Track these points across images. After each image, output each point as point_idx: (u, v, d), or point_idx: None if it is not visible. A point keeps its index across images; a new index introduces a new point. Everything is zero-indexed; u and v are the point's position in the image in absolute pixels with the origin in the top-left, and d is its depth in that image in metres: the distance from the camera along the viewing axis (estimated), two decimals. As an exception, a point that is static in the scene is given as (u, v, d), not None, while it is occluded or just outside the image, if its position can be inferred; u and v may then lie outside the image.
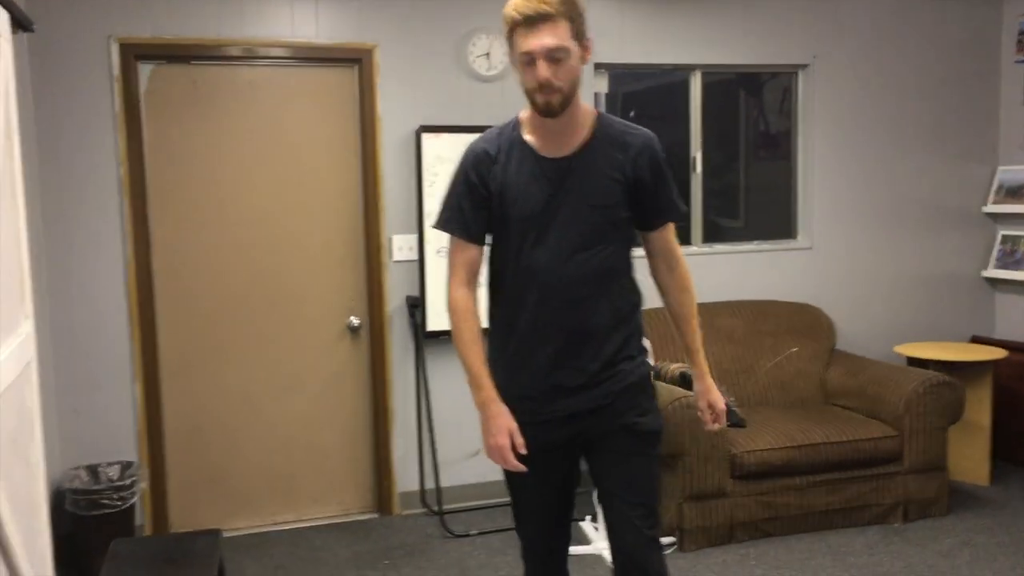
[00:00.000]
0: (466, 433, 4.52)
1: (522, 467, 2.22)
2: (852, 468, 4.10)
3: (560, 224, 2.23)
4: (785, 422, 4.21)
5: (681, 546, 3.94)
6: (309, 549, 4.08)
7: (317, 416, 4.41)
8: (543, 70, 2.12)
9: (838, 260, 5.08)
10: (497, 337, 2.37)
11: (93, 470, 3.92)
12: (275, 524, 4.38)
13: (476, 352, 2.28)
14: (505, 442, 2.22)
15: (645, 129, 2.33)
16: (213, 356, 4.25)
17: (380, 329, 4.39)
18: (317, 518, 4.42)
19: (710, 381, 2.50)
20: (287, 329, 4.34)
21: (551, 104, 2.17)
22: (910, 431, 4.14)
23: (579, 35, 2.18)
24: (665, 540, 3.96)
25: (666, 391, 3.98)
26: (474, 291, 2.33)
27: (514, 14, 2.13)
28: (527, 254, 2.25)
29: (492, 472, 4.57)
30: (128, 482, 3.81)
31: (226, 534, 4.24)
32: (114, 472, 3.93)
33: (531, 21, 2.11)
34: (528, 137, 2.28)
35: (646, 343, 2.46)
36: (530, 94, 2.20)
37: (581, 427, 2.33)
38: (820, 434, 4.07)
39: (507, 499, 2.53)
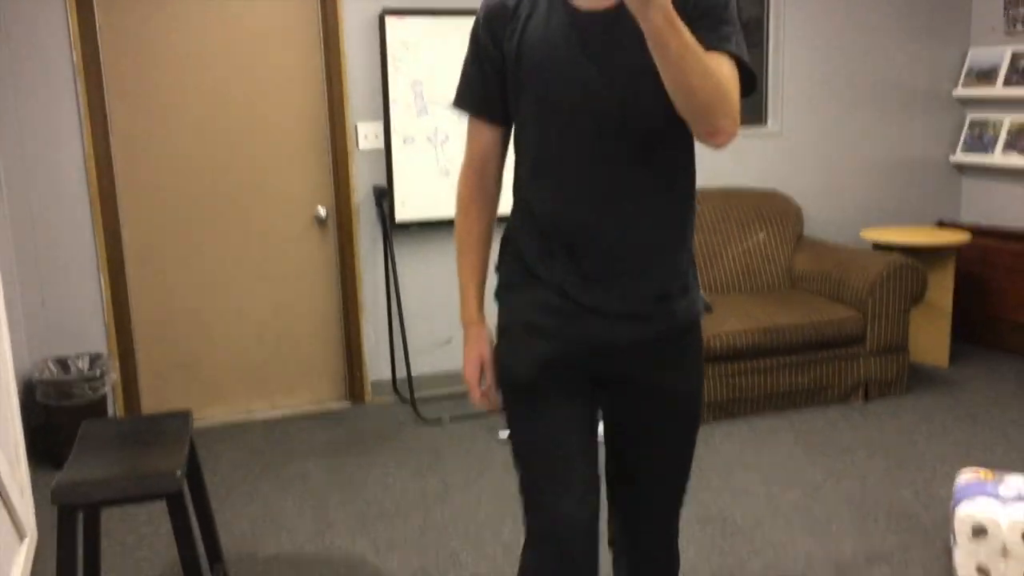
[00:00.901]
0: (436, 322, 4.56)
1: (488, 405, 1.84)
2: (816, 350, 4.19)
3: (602, 104, 1.64)
4: (751, 306, 4.27)
5: (648, 427, 4.03)
6: (283, 436, 4.14)
7: (287, 306, 4.42)
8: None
9: (807, 146, 5.07)
10: (518, 225, 1.83)
11: (63, 362, 3.92)
12: (248, 413, 4.43)
13: (467, 262, 1.88)
14: (472, 374, 1.82)
15: None
16: (179, 246, 4.21)
17: (348, 219, 4.36)
18: (290, 407, 4.47)
19: None
20: (254, 219, 4.30)
21: None
22: (873, 313, 4.21)
23: None
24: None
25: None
26: (489, 181, 1.85)
27: None
28: (555, 145, 1.69)
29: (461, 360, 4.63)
30: (98, 373, 3.82)
31: (200, 423, 4.30)
32: (84, 363, 3.93)
33: None
34: None
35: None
36: None
37: (609, 369, 1.78)
38: (785, 317, 4.13)
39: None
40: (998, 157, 5.01)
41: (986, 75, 5.09)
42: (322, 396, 4.53)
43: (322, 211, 4.35)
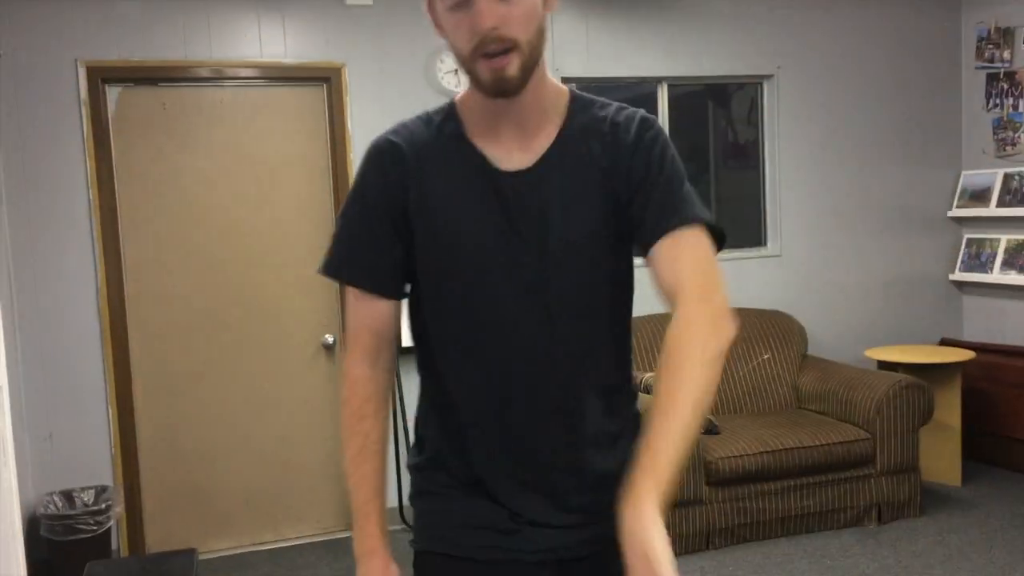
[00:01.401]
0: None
1: None
2: (826, 472, 4.15)
3: (521, 275, 1.42)
4: (758, 428, 4.26)
5: (659, 554, 3.96)
6: (290, 568, 4.07)
7: (294, 434, 4.41)
8: (487, 13, 1.30)
9: (807, 266, 5.15)
10: (430, 421, 1.57)
11: (68, 495, 3.89)
12: (254, 544, 4.36)
13: (366, 471, 1.48)
14: None
15: (636, 109, 1.49)
16: (187, 377, 4.24)
17: (355, 346, 4.39)
18: (297, 537, 4.41)
19: (645, 515, 1.22)
20: (261, 348, 4.34)
21: (505, 75, 1.34)
22: (882, 433, 4.19)
23: None
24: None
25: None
26: (384, 369, 1.52)
27: None
28: (469, 324, 1.45)
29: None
30: (103, 506, 3.79)
31: (205, 556, 4.23)
32: (89, 497, 3.91)
33: None
34: (469, 134, 1.46)
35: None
36: (469, 63, 1.36)
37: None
38: (793, 439, 4.11)
39: None
40: (996, 275, 5.07)
41: (980, 196, 5.20)
42: (329, 525, 4.47)
43: (330, 338, 4.39)
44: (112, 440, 4.08)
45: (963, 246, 5.34)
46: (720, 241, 1.43)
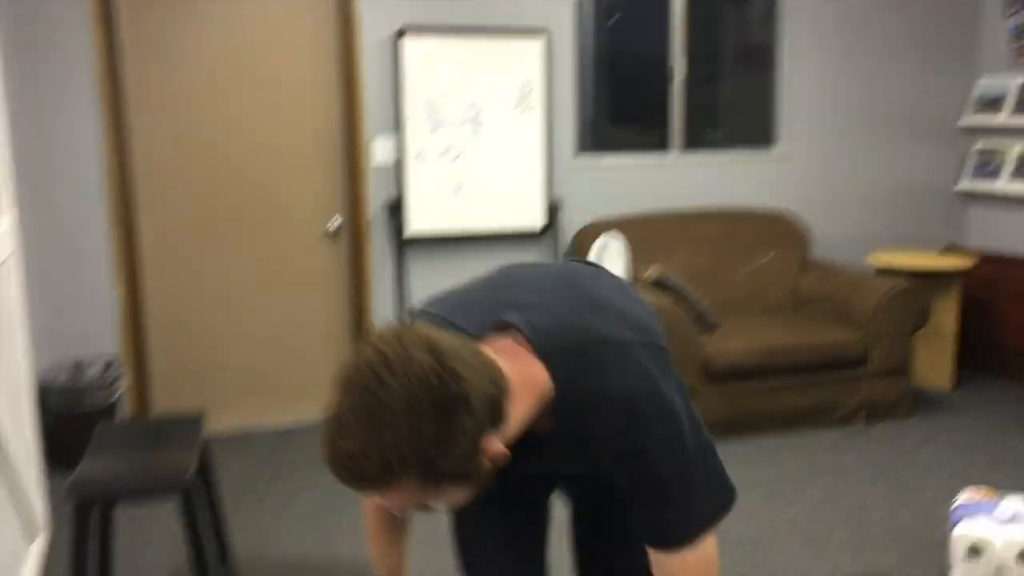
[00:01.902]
0: (445, 336, 4.61)
1: None
2: (818, 371, 4.23)
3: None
4: (756, 327, 4.32)
5: (652, 444, 4.07)
6: (292, 446, 4.20)
7: (298, 317, 4.49)
8: (395, 509, 1.32)
9: (816, 169, 5.13)
10: None
11: (77, 367, 3.99)
12: (258, 422, 4.49)
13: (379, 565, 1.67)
14: None
15: (621, 388, 1.32)
16: (193, 254, 4.29)
17: (359, 233, 4.43)
18: (299, 417, 4.53)
19: None
20: (268, 231, 4.37)
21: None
22: (876, 336, 4.26)
23: (447, 472, 1.17)
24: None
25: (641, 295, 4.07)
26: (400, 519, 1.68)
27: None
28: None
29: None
30: (111, 379, 3.89)
31: (209, 433, 4.35)
32: (97, 368, 4.00)
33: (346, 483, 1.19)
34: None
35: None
36: None
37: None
38: (788, 338, 4.17)
39: None
40: (1005, 184, 5.06)
41: (993, 103, 5.15)
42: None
43: (335, 224, 4.42)
44: (119, 313, 4.16)
45: (973, 153, 5.30)
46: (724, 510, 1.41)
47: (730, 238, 4.79)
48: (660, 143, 4.93)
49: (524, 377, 1.26)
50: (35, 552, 3.02)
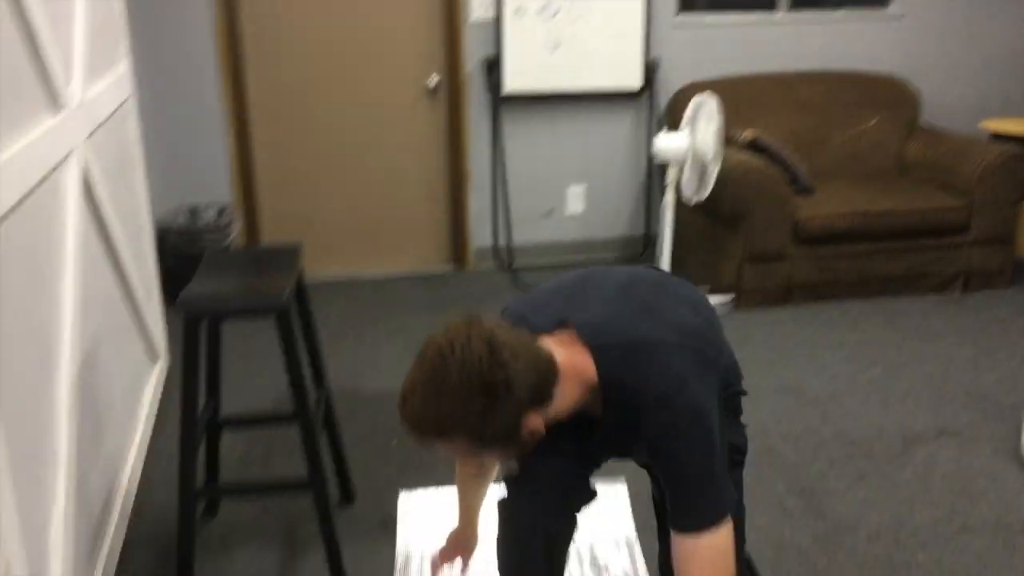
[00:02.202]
0: (538, 193, 4.71)
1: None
2: (916, 237, 4.15)
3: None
4: (854, 191, 4.25)
5: (738, 304, 4.12)
6: (389, 294, 4.41)
7: (398, 172, 4.63)
8: (464, 463, 1.86)
9: (931, 30, 4.89)
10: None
11: (193, 211, 4.26)
12: (359, 272, 4.72)
13: (464, 507, 2.03)
14: (445, 557, 2.07)
15: (659, 387, 1.51)
16: (299, 109, 4.45)
17: (457, 89, 4.50)
18: (397, 268, 4.74)
19: None
20: (369, 87, 4.49)
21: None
22: (980, 203, 4.14)
23: (494, 440, 1.44)
24: (722, 298, 4.15)
25: (732, 155, 4.05)
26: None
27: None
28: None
29: (563, 233, 4.79)
30: (224, 223, 4.14)
31: (314, 279, 4.61)
32: (211, 214, 4.26)
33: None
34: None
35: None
36: None
37: None
38: (887, 203, 4.10)
39: (577, 257, 2.12)
40: None
41: None
42: (427, 259, 4.78)
43: (433, 81, 4.50)
44: (230, 164, 4.38)
45: (1109, 16, 4.96)
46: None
47: (835, 101, 4.66)
48: (767, 0, 4.77)
49: (572, 364, 1.51)
50: (156, 373, 3.34)
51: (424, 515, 2.55)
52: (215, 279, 2.24)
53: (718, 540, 1.50)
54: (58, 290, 2.12)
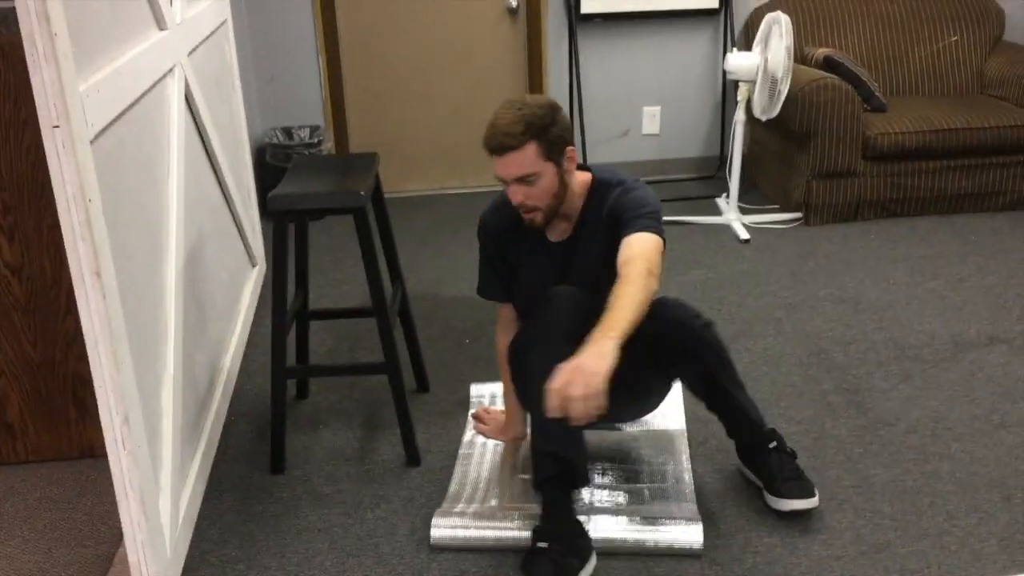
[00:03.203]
0: (615, 113, 4.84)
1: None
2: (991, 154, 4.15)
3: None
4: (928, 108, 4.26)
5: (807, 220, 4.22)
6: (471, 209, 4.63)
7: (480, 91, 4.82)
8: (516, 195, 2.16)
9: (1021, -56, 4.79)
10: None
11: (287, 131, 4.54)
12: (442, 188, 4.96)
13: (508, 392, 2.53)
14: (496, 433, 2.63)
15: (626, 182, 2.23)
16: (386, 34, 4.67)
17: (537, 9, 4.64)
18: (479, 185, 4.96)
19: (597, 345, 1.83)
20: (451, 9, 4.66)
21: (534, 222, 2.22)
22: (1059, 120, 4.11)
23: (552, 152, 2.12)
24: (791, 215, 4.25)
25: (804, 72, 4.11)
26: (511, 333, 2.40)
27: (484, 140, 2.15)
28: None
29: (638, 152, 4.92)
30: (317, 141, 4.42)
31: (399, 195, 4.87)
32: (305, 133, 4.54)
33: (495, 152, 2.13)
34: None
35: None
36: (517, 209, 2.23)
37: None
38: (962, 120, 4.10)
39: (652, 177, 2.54)
40: None
41: None
42: (508, 178, 4.97)
43: (514, 1, 4.64)
44: (322, 86, 4.64)
45: None
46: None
47: (914, 17, 4.63)
48: (849, -84, 4.73)
49: (577, 171, 2.28)
50: (254, 276, 3.66)
51: (491, 405, 2.81)
52: (300, 181, 2.50)
53: (653, 238, 2.09)
54: (166, 188, 2.41)
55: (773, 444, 2.35)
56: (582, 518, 2.20)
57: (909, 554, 2.14)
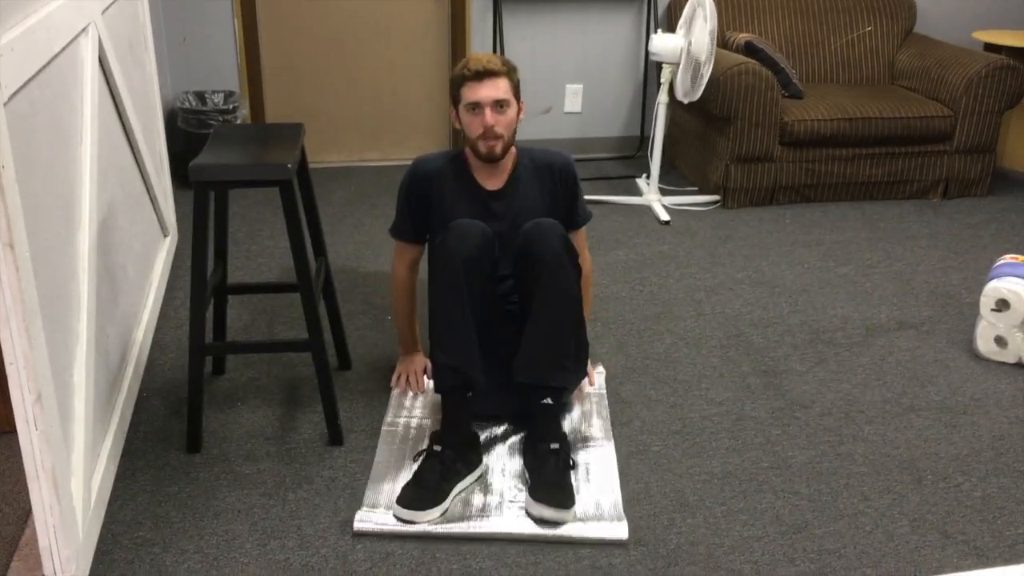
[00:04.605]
0: (539, 90, 4.82)
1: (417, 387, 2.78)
2: (900, 144, 4.29)
3: (499, 247, 2.53)
4: (842, 96, 4.36)
5: (724, 203, 4.28)
6: (390, 181, 4.56)
7: (401, 65, 4.74)
8: (489, 117, 2.44)
9: (933, -61, 4.93)
10: None
11: (200, 95, 4.38)
12: (361, 160, 4.87)
13: (406, 323, 2.82)
14: (420, 375, 2.79)
15: (559, 152, 2.68)
16: (305, 1, 4.54)
17: (461, -17, 4.58)
18: (398, 158, 4.88)
19: None
20: (373, -23, 4.56)
21: (494, 151, 2.49)
22: (965, 112, 4.26)
23: (517, 93, 2.52)
24: (709, 198, 4.31)
25: (725, 57, 4.15)
26: (414, 275, 2.75)
27: (464, 71, 2.45)
28: None
29: (560, 130, 4.90)
30: (231, 107, 4.27)
31: (318, 165, 4.76)
32: (219, 99, 4.39)
33: (480, 76, 2.44)
34: (472, 169, 2.61)
35: None
36: (473, 143, 2.51)
37: None
38: (874, 109, 4.22)
39: (573, 155, 2.70)
40: None
41: None
42: (426, 150, 4.89)
43: (438, -27, 4.57)
44: (238, 51, 4.49)
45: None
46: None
47: (832, 7, 4.73)
48: (771, -97, 4.79)
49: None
50: (166, 246, 3.52)
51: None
52: (224, 151, 2.40)
53: (583, 229, 2.73)
54: (79, 154, 2.28)
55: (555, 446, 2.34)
56: (514, 513, 2.23)
57: (826, 534, 2.20)
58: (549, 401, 2.39)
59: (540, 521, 2.19)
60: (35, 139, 1.89)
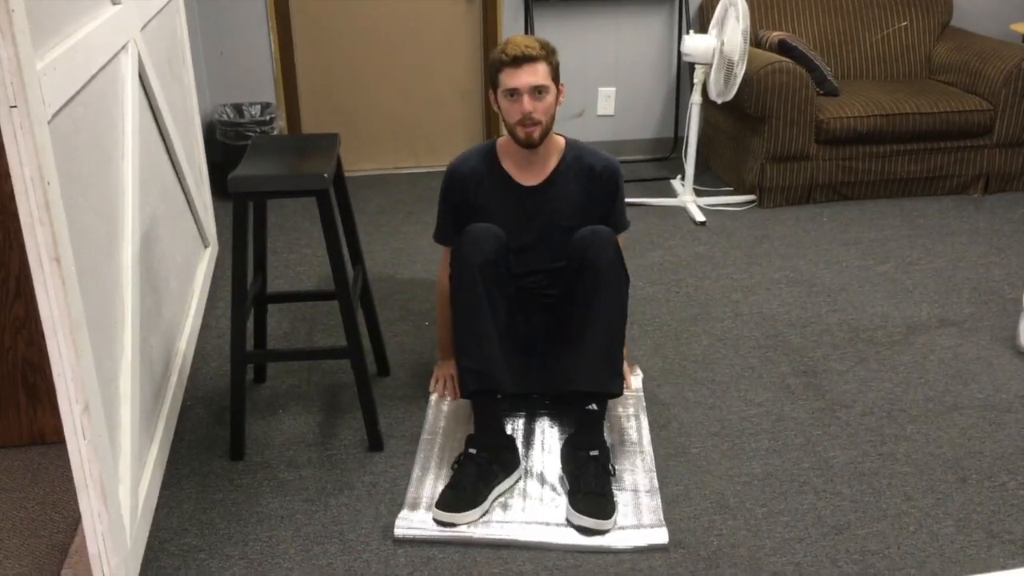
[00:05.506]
0: (570, 94, 4.82)
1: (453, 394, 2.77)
2: (939, 139, 4.23)
3: (532, 243, 2.60)
4: (879, 92, 4.32)
5: (760, 203, 4.26)
6: (425, 188, 4.60)
7: (435, 72, 4.77)
8: (527, 103, 2.41)
9: (969, -69, 4.86)
10: None
11: (238, 108, 4.44)
12: (395, 168, 4.90)
13: (444, 331, 2.81)
14: (449, 380, 2.78)
15: (608, 155, 2.64)
16: (339, 11, 4.58)
17: (492, -11, 4.60)
18: (433, 165, 4.91)
19: None
20: (405, -14, 4.60)
21: (532, 137, 2.47)
22: (1005, 105, 4.19)
23: (556, 77, 2.48)
24: (745, 198, 4.28)
25: (759, 56, 4.13)
26: None
27: (502, 56, 2.42)
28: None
29: (593, 133, 4.91)
30: (268, 118, 4.33)
31: (354, 174, 4.81)
32: (256, 110, 4.45)
33: (518, 61, 2.40)
34: (504, 165, 2.60)
35: None
36: (511, 128, 2.49)
37: None
38: (912, 104, 4.17)
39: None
40: None
41: None
42: (462, 157, 4.93)
43: (469, -20, 4.59)
44: (274, 63, 4.55)
45: None
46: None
47: (867, 3, 4.69)
48: (802, -100, 4.76)
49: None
50: (206, 257, 3.58)
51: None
52: (261, 162, 2.44)
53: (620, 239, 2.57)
54: (121, 169, 2.33)
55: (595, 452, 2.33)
56: (555, 521, 2.23)
57: (869, 535, 2.18)
58: (595, 407, 2.39)
59: (581, 530, 2.19)
60: (78, 155, 1.94)
